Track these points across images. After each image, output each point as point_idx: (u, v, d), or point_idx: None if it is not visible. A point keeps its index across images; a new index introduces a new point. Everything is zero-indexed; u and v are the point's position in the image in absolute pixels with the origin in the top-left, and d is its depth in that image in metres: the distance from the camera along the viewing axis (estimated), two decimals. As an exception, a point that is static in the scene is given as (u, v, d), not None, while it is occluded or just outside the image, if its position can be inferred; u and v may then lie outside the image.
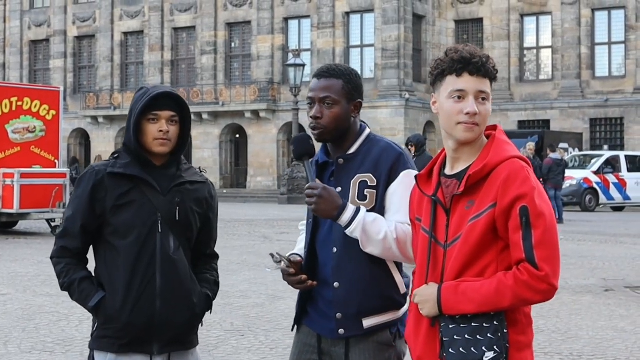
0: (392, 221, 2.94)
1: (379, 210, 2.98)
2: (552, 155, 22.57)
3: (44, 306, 8.68)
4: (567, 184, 25.48)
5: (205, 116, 41.24)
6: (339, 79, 3.05)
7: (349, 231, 2.92)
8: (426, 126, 39.21)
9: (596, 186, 28.72)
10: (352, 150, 3.06)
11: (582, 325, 7.92)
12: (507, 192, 2.44)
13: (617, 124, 37.39)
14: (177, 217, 3.07)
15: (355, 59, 39.34)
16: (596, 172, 28.94)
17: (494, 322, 2.43)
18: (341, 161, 3.05)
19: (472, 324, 2.44)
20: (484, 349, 2.42)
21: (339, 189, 2.99)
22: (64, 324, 7.74)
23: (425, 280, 2.59)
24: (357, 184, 3.01)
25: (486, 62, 2.54)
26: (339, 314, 3.00)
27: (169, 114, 3.06)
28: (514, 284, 2.41)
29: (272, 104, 40.46)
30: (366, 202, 2.99)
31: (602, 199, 28.95)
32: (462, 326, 2.45)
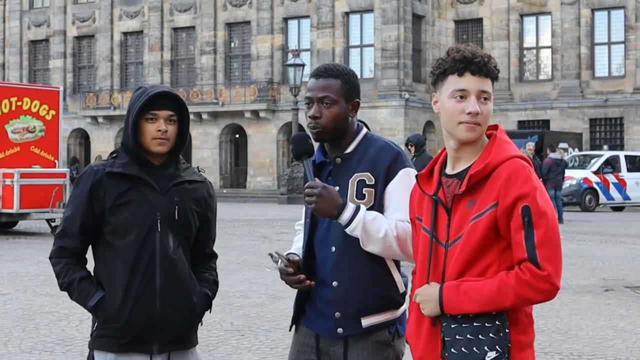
0: (392, 219, 2.93)
1: (377, 209, 2.97)
2: (551, 155, 22.56)
3: (44, 306, 8.67)
4: (566, 184, 25.47)
5: (204, 116, 41.23)
6: (337, 79, 3.04)
7: (349, 230, 2.91)
8: (426, 126, 39.20)
9: (596, 186, 28.73)
10: (350, 149, 3.05)
11: (582, 325, 7.92)
12: (509, 192, 2.44)
13: (616, 124, 37.39)
14: (176, 216, 3.07)
15: (354, 59, 39.33)
16: (596, 172, 28.94)
17: (496, 322, 2.43)
18: (339, 160, 3.04)
19: (474, 324, 2.44)
20: (486, 348, 2.41)
21: (337, 188, 2.98)
22: (64, 324, 7.74)
23: (426, 280, 2.58)
24: (355, 183, 3.00)
25: (488, 61, 2.54)
26: (337, 313, 2.99)
27: (167, 113, 3.06)
28: (516, 284, 2.41)
29: (272, 104, 40.45)
30: (364, 200, 2.98)
31: (602, 198, 28.96)
32: (464, 326, 2.45)
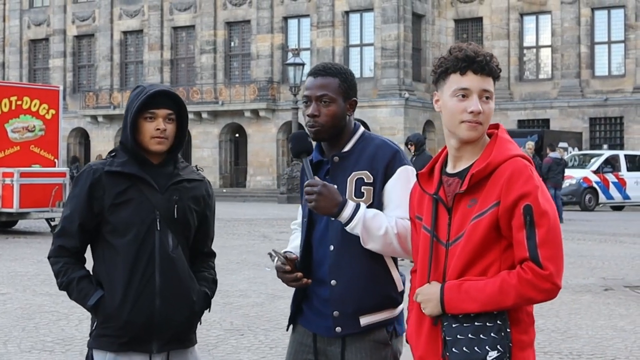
0: (392, 217, 2.93)
1: (376, 207, 2.97)
2: (551, 154, 22.55)
3: (44, 305, 8.66)
4: (566, 183, 25.46)
5: (204, 115, 41.22)
6: (335, 78, 3.04)
7: (349, 228, 2.90)
8: (426, 125, 39.19)
9: (596, 185, 28.72)
10: (347, 148, 3.05)
11: (581, 324, 7.92)
12: (510, 191, 2.43)
13: (616, 123, 37.38)
14: (176, 215, 3.06)
15: (354, 58, 39.33)
16: (596, 172, 28.94)
17: (497, 322, 2.42)
18: (336, 159, 3.04)
19: (475, 323, 2.43)
20: (487, 348, 2.41)
21: (335, 187, 2.97)
22: (64, 323, 7.73)
23: (427, 279, 2.58)
24: (353, 182, 3.00)
25: (490, 60, 2.53)
26: (336, 312, 2.98)
27: (165, 112, 3.05)
28: (517, 283, 2.40)
29: (272, 103, 40.44)
30: (363, 199, 2.97)
31: (602, 198, 28.96)
32: (465, 325, 2.44)
